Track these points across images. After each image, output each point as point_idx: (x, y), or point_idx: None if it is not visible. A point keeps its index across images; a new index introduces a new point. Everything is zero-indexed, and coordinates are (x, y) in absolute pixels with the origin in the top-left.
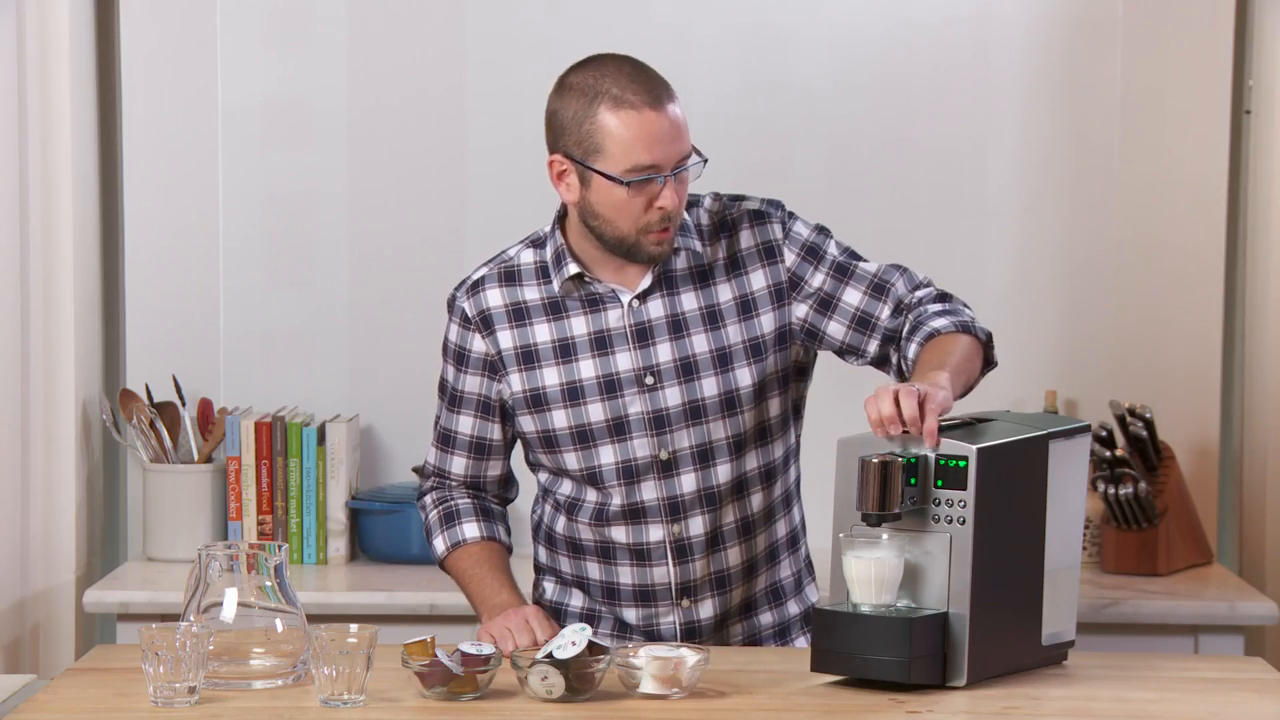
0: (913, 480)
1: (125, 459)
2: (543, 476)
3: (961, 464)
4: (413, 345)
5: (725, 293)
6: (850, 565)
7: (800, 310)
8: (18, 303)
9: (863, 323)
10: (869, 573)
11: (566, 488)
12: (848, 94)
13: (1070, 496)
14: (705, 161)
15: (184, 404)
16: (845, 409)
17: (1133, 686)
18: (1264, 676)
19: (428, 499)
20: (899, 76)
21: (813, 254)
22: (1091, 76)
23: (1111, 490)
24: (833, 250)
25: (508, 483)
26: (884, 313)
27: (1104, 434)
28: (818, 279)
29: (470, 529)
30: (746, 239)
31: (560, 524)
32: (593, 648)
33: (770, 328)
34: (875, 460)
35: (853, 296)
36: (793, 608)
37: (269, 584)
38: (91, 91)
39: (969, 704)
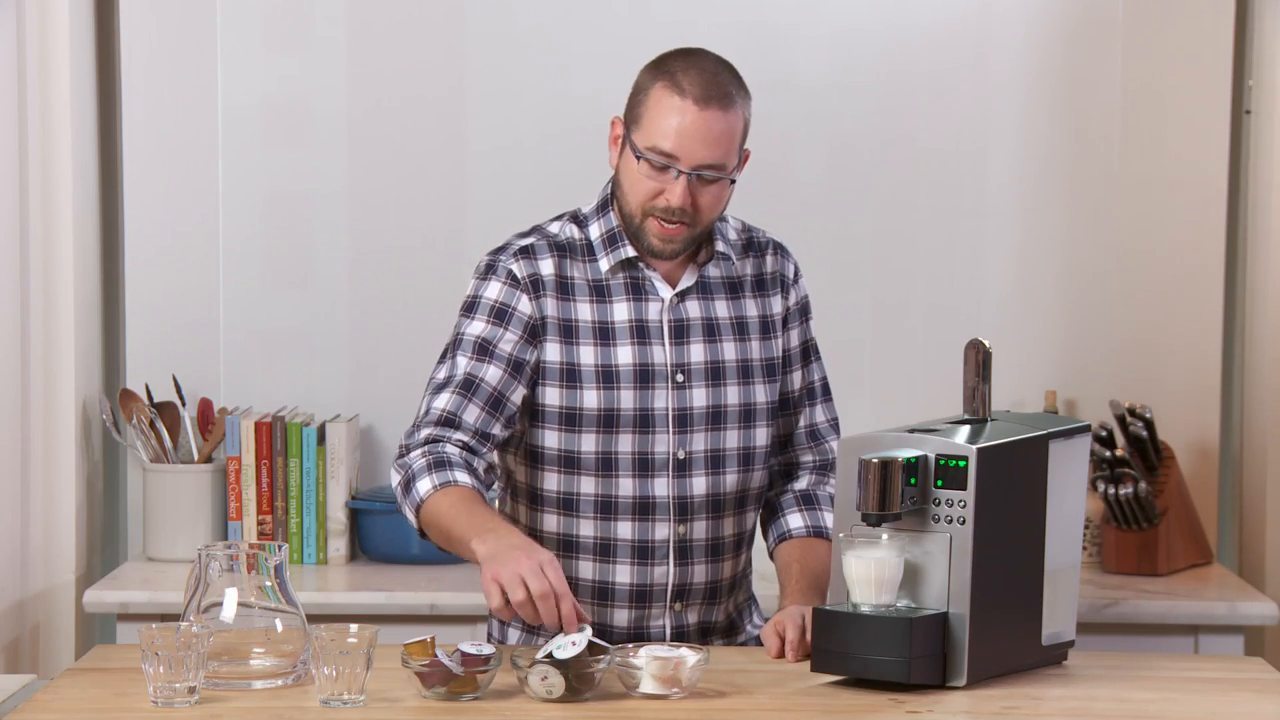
0: (913, 480)
1: (125, 459)
2: (520, 475)
3: (961, 464)
4: (413, 345)
5: (751, 309)
6: (850, 565)
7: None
8: (18, 303)
9: (783, 404)
10: (869, 573)
11: (552, 482)
12: (848, 94)
13: (1070, 496)
14: (732, 182)
15: (184, 404)
16: (844, 411)
17: (1133, 686)
18: (1264, 676)
19: (414, 452)
20: (899, 76)
21: (804, 315)
22: (1091, 76)
23: (1111, 490)
24: (812, 330)
25: (499, 459)
26: (800, 420)
27: (1104, 434)
28: (794, 338)
29: (462, 475)
30: (771, 264)
31: (552, 523)
32: (593, 648)
33: (780, 351)
34: (875, 460)
35: (795, 381)
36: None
37: (269, 584)
38: (91, 91)
39: (969, 704)
